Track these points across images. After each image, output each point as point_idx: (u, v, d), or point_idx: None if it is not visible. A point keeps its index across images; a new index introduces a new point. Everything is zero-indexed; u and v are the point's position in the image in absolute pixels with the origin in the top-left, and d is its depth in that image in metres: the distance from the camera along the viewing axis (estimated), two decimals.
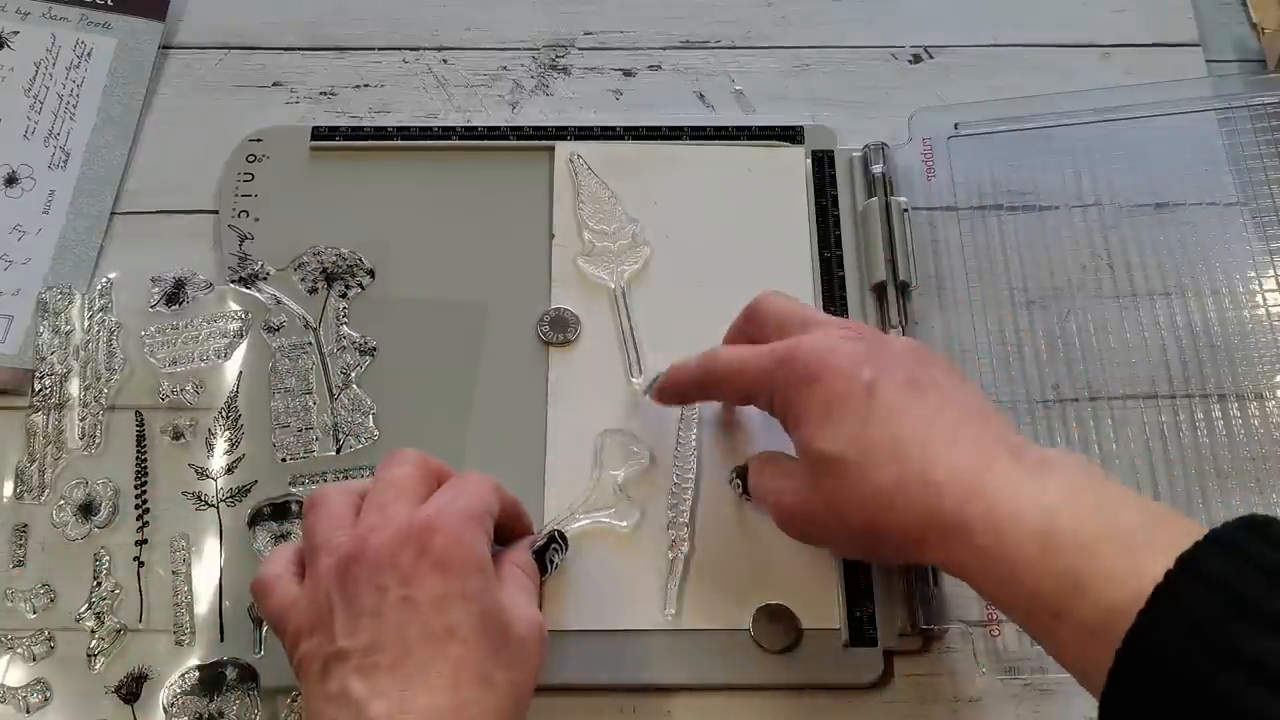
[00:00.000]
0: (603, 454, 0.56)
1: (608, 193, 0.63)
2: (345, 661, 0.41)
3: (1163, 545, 0.36)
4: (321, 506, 0.46)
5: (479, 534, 0.44)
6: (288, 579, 0.46)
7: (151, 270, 0.61)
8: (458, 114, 0.66)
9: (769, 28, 0.69)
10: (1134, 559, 0.37)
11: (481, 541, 0.44)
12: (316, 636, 0.43)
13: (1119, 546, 0.38)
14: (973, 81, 0.67)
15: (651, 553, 0.55)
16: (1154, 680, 0.35)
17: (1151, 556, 0.36)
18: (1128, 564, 0.37)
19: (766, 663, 0.52)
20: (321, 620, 0.43)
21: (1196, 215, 0.62)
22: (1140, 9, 0.69)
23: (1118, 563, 0.37)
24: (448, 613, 0.42)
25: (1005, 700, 0.52)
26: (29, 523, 0.56)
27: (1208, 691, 0.33)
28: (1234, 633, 0.34)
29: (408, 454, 0.47)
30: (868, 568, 0.54)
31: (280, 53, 0.68)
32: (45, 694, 0.52)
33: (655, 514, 0.55)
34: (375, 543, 0.43)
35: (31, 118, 0.65)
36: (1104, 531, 0.38)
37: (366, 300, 0.61)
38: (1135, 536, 0.38)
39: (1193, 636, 0.34)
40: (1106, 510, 0.39)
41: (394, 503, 0.45)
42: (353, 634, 0.42)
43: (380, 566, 0.42)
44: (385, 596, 0.42)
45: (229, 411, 0.58)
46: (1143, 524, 0.38)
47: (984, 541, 0.41)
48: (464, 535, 0.43)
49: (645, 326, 0.60)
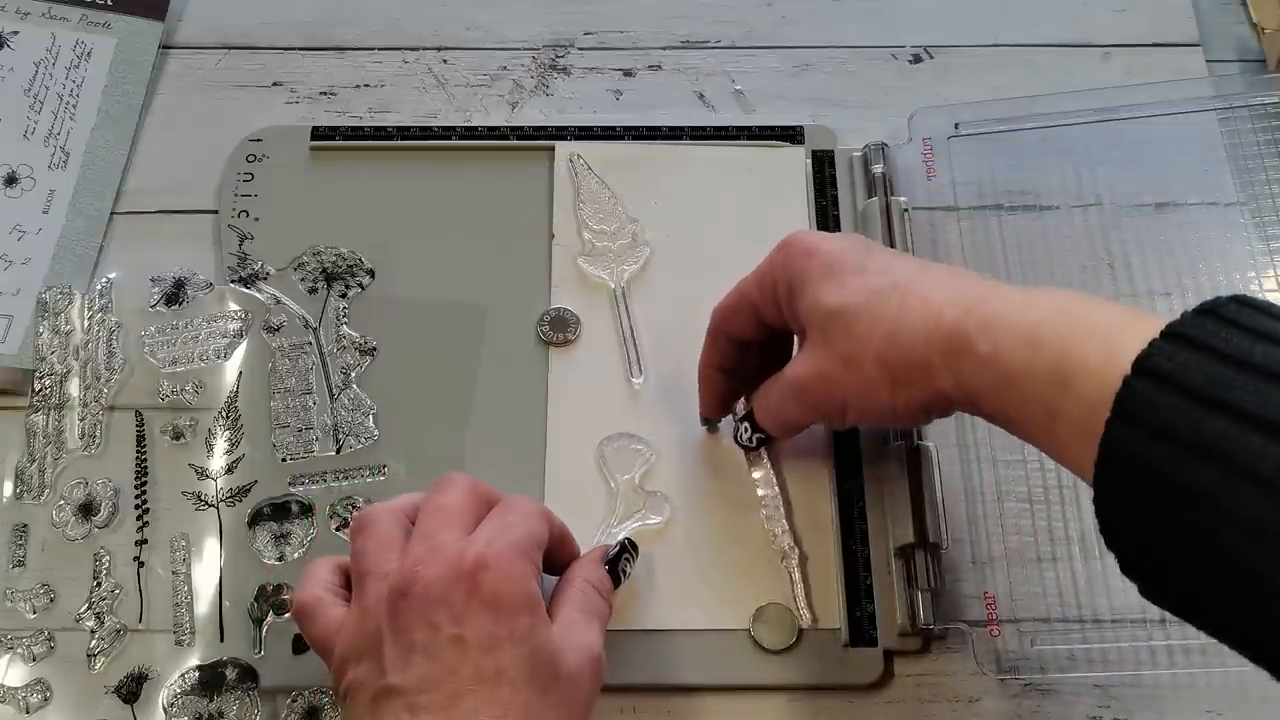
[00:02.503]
0: (608, 463, 0.56)
1: (608, 193, 0.63)
2: (397, 698, 0.41)
3: (1136, 336, 0.37)
4: (370, 529, 0.45)
5: (528, 568, 0.43)
6: (330, 601, 0.45)
7: (151, 270, 0.61)
8: (458, 114, 0.66)
9: (769, 28, 0.69)
10: (1111, 353, 0.38)
11: (531, 576, 0.43)
12: (365, 665, 0.42)
13: (1098, 342, 0.39)
14: (973, 81, 0.67)
15: (651, 554, 0.55)
16: (1129, 478, 0.36)
17: (1126, 348, 0.37)
18: (1104, 358, 0.38)
19: (766, 663, 0.52)
20: (371, 650, 0.42)
21: (1196, 215, 0.62)
22: (1140, 9, 0.69)
23: (1097, 357, 0.38)
24: (497, 654, 0.41)
25: (1005, 700, 0.52)
26: (29, 523, 0.56)
27: (1177, 484, 0.35)
28: (1190, 421, 0.35)
29: (458, 480, 0.46)
30: (868, 568, 0.54)
31: (280, 53, 0.68)
32: (45, 694, 0.52)
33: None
34: (427, 577, 0.42)
35: (31, 118, 0.65)
36: (1085, 330, 0.40)
37: (366, 300, 0.61)
38: (1112, 331, 0.39)
39: (1155, 435, 0.35)
40: (1089, 313, 0.40)
41: (443, 532, 0.44)
42: (404, 670, 0.41)
43: (431, 603, 0.42)
44: (437, 635, 0.41)
45: (229, 411, 0.58)
46: (1120, 319, 0.39)
47: (984, 350, 0.42)
48: (513, 571, 0.42)
49: (645, 326, 0.60)
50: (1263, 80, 0.65)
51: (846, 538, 0.55)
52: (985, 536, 0.55)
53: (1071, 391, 0.39)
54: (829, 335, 0.47)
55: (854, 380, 0.47)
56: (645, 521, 0.55)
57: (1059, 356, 0.40)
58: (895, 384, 0.46)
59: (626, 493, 0.56)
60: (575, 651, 0.43)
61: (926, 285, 0.45)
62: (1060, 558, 0.55)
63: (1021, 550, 0.55)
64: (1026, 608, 0.54)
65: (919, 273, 0.47)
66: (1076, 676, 0.53)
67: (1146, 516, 0.36)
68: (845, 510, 0.55)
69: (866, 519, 0.55)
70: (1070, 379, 0.39)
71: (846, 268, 0.48)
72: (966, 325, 0.43)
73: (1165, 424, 0.35)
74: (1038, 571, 0.54)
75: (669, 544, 0.55)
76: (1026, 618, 0.54)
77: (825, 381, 0.48)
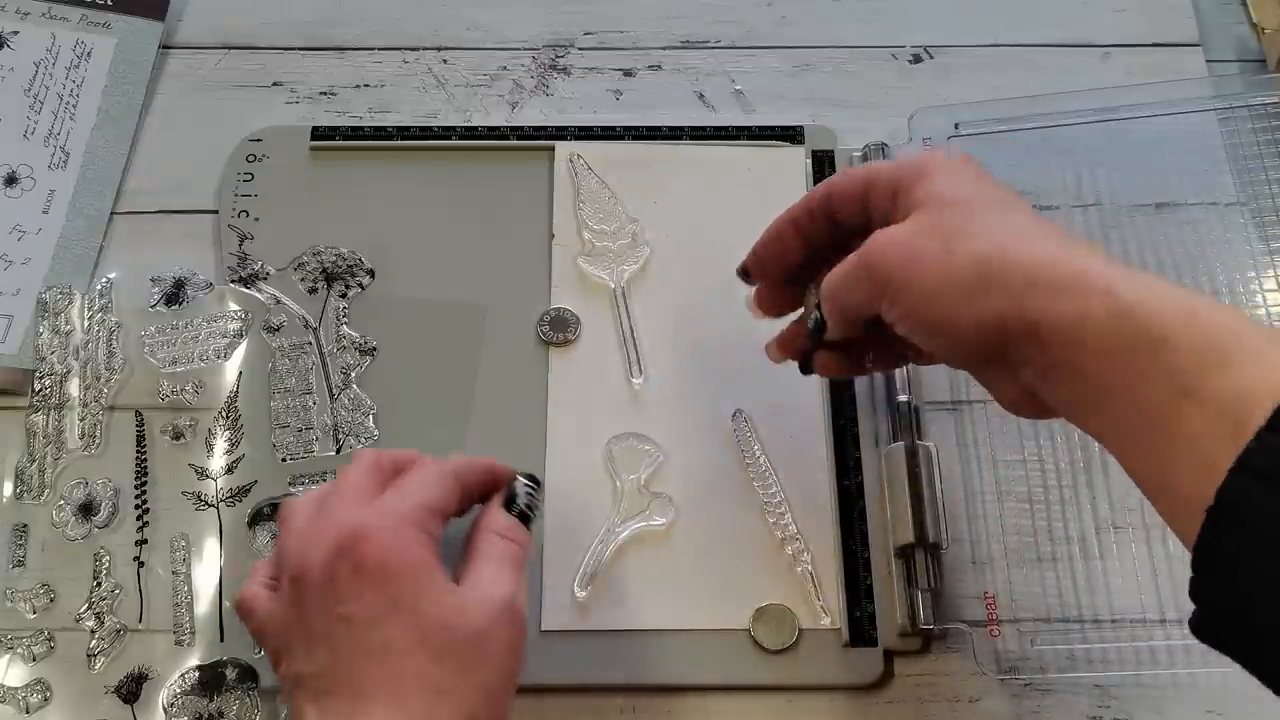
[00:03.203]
0: (615, 463, 0.56)
1: (608, 193, 0.63)
2: (307, 686, 0.41)
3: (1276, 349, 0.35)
4: (286, 520, 0.45)
5: (414, 534, 0.42)
6: (265, 596, 0.45)
7: (151, 270, 0.61)
8: (458, 114, 0.66)
9: (769, 28, 0.69)
10: (1268, 343, 0.35)
11: (416, 541, 0.42)
12: (284, 659, 0.43)
13: (1265, 337, 0.36)
14: (973, 81, 0.67)
15: (651, 553, 0.55)
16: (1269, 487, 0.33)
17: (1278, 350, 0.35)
18: (1263, 347, 0.35)
19: (766, 663, 0.52)
20: (289, 641, 0.43)
21: (1196, 215, 0.62)
22: (1140, 9, 0.69)
23: (1268, 348, 0.35)
24: (384, 626, 0.41)
25: (1005, 700, 0.52)
26: (29, 523, 0.56)
27: None
28: None
29: (361, 455, 0.46)
30: (868, 568, 0.54)
31: (280, 53, 0.68)
32: (45, 694, 0.52)
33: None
34: (314, 559, 0.42)
35: (31, 118, 0.65)
36: (1245, 325, 0.36)
37: (366, 300, 0.61)
38: (1274, 336, 0.36)
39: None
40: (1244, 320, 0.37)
41: (341, 510, 0.43)
42: (308, 657, 0.41)
43: (322, 586, 0.41)
44: (330, 616, 0.41)
45: (229, 411, 0.58)
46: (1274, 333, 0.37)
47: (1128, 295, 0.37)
48: (395, 540, 0.42)
49: (645, 326, 0.60)
50: (1263, 80, 0.65)
51: (846, 538, 0.55)
52: (985, 536, 0.55)
53: (1229, 372, 0.35)
54: (940, 214, 0.42)
55: (936, 264, 0.41)
56: (650, 522, 0.55)
57: (1220, 334, 0.36)
58: (978, 288, 0.40)
59: (631, 493, 0.56)
60: (480, 604, 0.42)
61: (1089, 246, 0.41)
62: (1060, 558, 0.55)
63: (1021, 550, 0.55)
64: (1026, 608, 0.54)
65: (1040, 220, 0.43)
66: (1076, 676, 0.53)
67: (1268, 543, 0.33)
68: (845, 510, 0.55)
69: (866, 519, 0.55)
70: (1230, 359, 0.35)
71: (972, 175, 0.44)
72: (1112, 272, 0.38)
73: None
74: (1038, 571, 0.54)
75: (669, 544, 0.55)
76: (1026, 618, 0.54)
77: (907, 251, 0.42)
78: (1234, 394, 0.35)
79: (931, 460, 0.55)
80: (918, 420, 0.57)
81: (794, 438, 0.57)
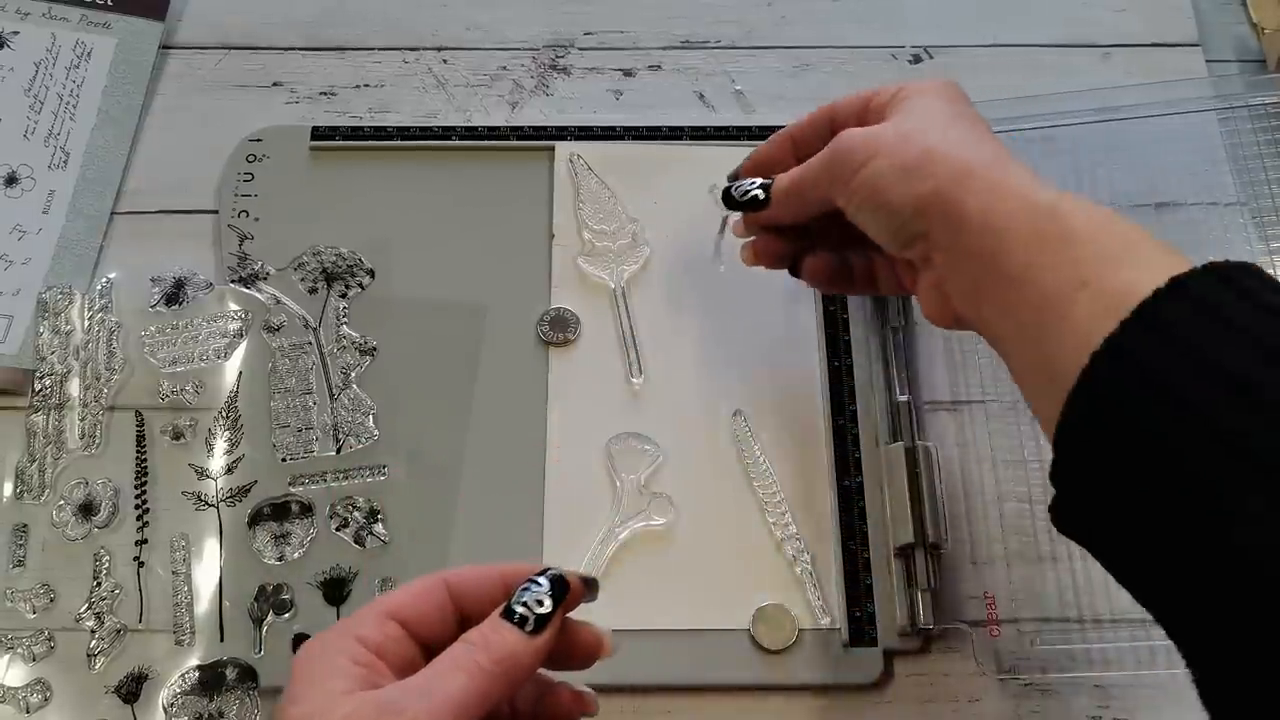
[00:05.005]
0: (615, 463, 0.56)
1: (608, 193, 0.63)
2: None
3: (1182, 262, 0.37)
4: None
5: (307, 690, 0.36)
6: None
7: (151, 270, 0.61)
8: (458, 114, 0.66)
9: (769, 28, 0.69)
10: (1169, 258, 0.38)
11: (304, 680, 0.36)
12: None
13: (1160, 248, 0.39)
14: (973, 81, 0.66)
15: (651, 553, 0.55)
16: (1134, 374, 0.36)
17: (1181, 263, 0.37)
18: (1163, 260, 0.37)
19: (766, 663, 0.52)
20: None
21: (1196, 215, 0.62)
22: (1140, 9, 0.69)
23: (1158, 256, 0.38)
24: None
25: (1005, 700, 0.52)
26: (29, 523, 0.56)
27: (1174, 396, 0.34)
28: (1212, 348, 0.34)
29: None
30: (868, 568, 0.54)
31: (280, 53, 0.68)
32: (45, 694, 0.52)
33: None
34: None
35: (31, 118, 0.65)
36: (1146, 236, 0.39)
37: (366, 300, 0.61)
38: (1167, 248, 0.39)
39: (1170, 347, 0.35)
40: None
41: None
42: None
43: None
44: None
45: (229, 411, 0.58)
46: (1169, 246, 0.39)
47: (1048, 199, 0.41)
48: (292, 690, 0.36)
49: (645, 326, 0.60)
50: (1263, 80, 0.65)
51: (846, 538, 0.55)
52: (985, 536, 0.55)
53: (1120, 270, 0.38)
54: (905, 119, 0.47)
55: (889, 149, 0.46)
56: (649, 522, 0.55)
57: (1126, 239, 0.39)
58: (919, 172, 0.44)
59: (631, 493, 0.56)
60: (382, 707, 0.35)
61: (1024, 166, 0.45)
62: (1060, 558, 0.55)
63: (1021, 550, 0.55)
64: (1026, 608, 0.54)
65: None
66: (1076, 676, 0.53)
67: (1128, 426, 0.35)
68: (845, 510, 0.55)
69: (866, 519, 0.55)
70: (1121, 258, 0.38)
71: (967, 109, 0.48)
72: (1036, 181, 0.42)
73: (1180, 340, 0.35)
74: (1038, 571, 0.54)
75: (668, 544, 0.55)
76: (1026, 618, 0.54)
77: (870, 141, 0.47)
78: (1124, 285, 0.37)
79: (931, 460, 0.55)
80: (918, 420, 0.57)
81: (794, 438, 0.57)
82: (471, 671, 0.36)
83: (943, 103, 0.48)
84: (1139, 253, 0.38)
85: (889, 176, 0.45)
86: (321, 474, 0.57)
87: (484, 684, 0.36)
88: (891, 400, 0.57)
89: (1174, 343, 0.35)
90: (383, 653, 0.37)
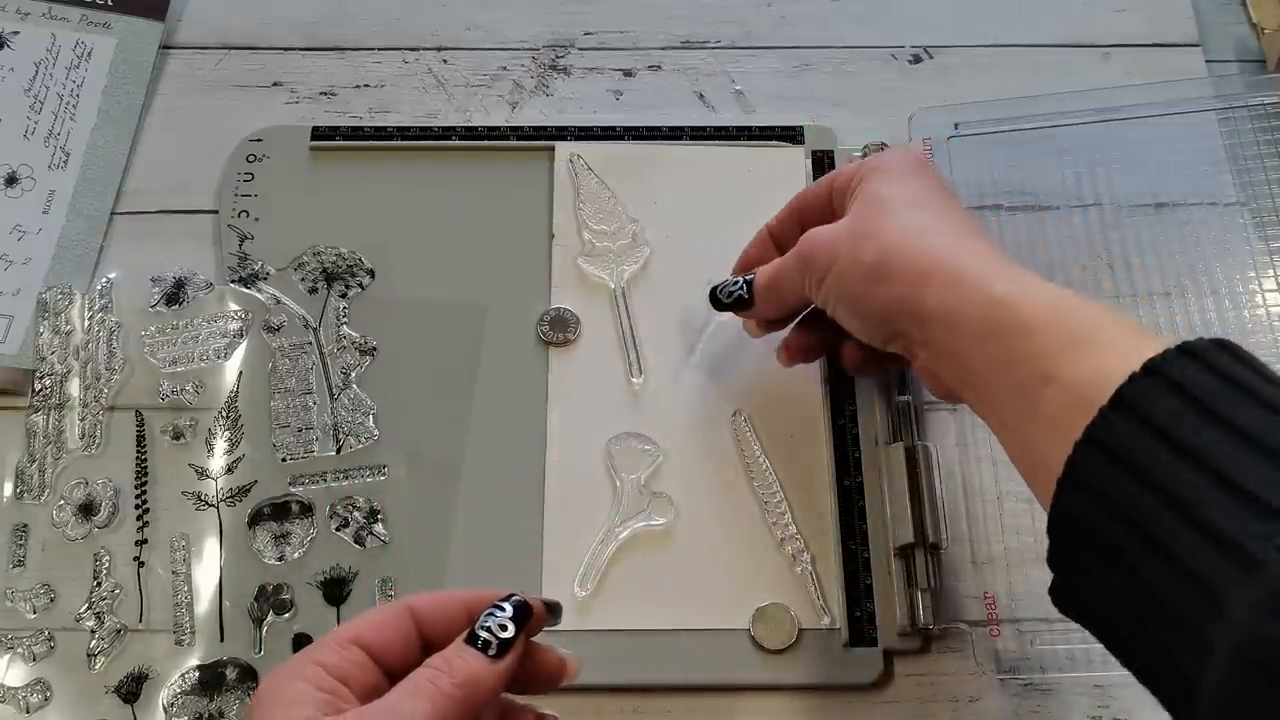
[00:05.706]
0: (615, 463, 0.56)
1: (608, 193, 0.63)
2: None
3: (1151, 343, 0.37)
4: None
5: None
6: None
7: (151, 270, 0.61)
8: (458, 114, 0.66)
9: (769, 28, 0.69)
10: (1137, 341, 0.37)
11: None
12: None
13: (1123, 328, 0.39)
14: (973, 81, 0.67)
15: (651, 553, 0.55)
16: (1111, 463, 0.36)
17: (1150, 344, 0.37)
18: (1131, 343, 0.37)
19: (766, 663, 0.52)
20: None
21: (1196, 215, 0.62)
22: (1140, 9, 0.69)
23: (1124, 338, 0.38)
24: None
25: (1005, 700, 0.52)
26: (29, 523, 0.56)
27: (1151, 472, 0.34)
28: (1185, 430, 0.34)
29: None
30: (868, 568, 0.54)
31: (280, 53, 0.68)
32: (45, 694, 0.52)
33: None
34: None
35: (31, 118, 0.65)
36: (1107, 317, 0.40)
37: (366, 300, 0.61)
38: (1132, 327, 0.39)
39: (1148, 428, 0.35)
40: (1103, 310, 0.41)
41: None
42: None
43: None
44: None
45: (229, 411, 0.58)
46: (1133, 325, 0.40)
47: (1000, 290, 0.42)
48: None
49: (645, 326, 0.60)
50: (1263, 80, 0.65)
51: (846, 538, 0.55)
52: (985, 536, 0.55)
53: (1084, 359, 0.38)
54: (864, 211, 0.48)
55: (849, 254, 0.47)
56: (649, 522, 0.55)
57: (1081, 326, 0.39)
58: (878, 277, 0.45)
59: (631, 493, 0.56)
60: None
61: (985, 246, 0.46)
62: None
63: (1021, 550, 0.55)
64: (1026, 608, 0.54)
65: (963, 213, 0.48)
66: (1076, 676, 0.53)
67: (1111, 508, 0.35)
68: (845, 510, 0.55)
69: (866, 519, 0.55)
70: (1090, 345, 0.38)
71: (909, 176, 0.49)
72: (990, 269, 0.43)
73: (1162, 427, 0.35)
74: (1038, 571, 0.54)
75: (668, 544, 0.55)
76: (1026, 618, 0.54)
77: (830, 244, 0.48)
78: (1089, 377, 0.37)
79: (931, 460, 0.55)
80: (918, 420, 0.57)
81: (794, 438, 0.57)
82: (434, 696, 0.36)
83: (901, 184, 0.48)
84: (1101, 335, 0.39)
85: (853, 282, 0.47)
86: (321, 474, 0.57)
87: (446, 708, 0.36)
88: (891, 400, 0.57)
89: (1153, 432, 0.35)
90: (346, 679, 0.37)
